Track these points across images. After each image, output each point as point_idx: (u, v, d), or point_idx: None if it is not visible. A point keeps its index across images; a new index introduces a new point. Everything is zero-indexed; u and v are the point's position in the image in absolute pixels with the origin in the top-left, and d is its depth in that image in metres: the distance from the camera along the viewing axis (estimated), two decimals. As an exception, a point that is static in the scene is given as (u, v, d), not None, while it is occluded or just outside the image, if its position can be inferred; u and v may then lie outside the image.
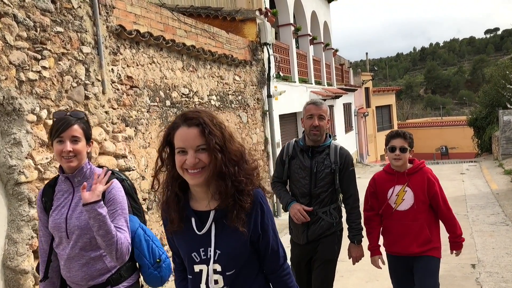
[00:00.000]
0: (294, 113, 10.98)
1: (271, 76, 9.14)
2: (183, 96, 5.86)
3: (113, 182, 2.04)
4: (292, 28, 11.82)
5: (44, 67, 3.56)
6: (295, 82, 11.60)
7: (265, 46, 8.86)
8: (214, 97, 6.83)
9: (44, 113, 3.49)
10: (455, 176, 12.70)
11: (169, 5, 8.46)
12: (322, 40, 15.56)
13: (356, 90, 21.18)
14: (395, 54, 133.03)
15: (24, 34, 3.39)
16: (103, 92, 4.28)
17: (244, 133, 7.94)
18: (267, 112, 8.97)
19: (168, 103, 5.46)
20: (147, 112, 5.02)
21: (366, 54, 29.33)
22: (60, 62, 3.74)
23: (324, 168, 3.00)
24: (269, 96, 8.98)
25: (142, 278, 2.25)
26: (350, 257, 3.15)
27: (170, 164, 1.57)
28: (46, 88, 3.58)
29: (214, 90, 6.85)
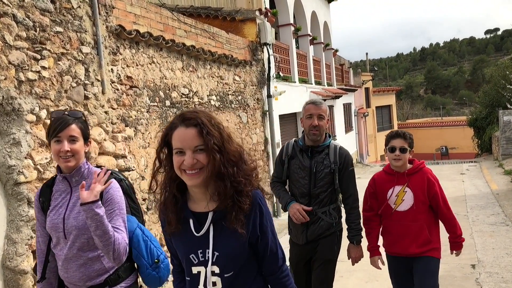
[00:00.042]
0: (294, 113, 10.97)
1: (271, 76, 9.14)
2: (183, 96, 5.85)
3: (111, 182, 2.03)
4: (292, 28, 11.81)
5: (43, 67, 3.56)
6: (295, 82, 11.60)
7: (265, 46, 8.86)
8: (214, 97, 6.82)
9: (43, 113, 3.49)
10: (455, 176, 12.70)
11: (169, 5, 8.46)
12: (322, 40, 15.55)
13: (356, 90, 21.18)
14: (395, 54, 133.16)
15: (23, 34, 3.39)
16: (103, 92, 4.28)
17: (244, 133, 7.94)
18: (267, 112, 8.97)
19: (168, 103, 5.45)
20: (147, 112, 5.02)
21: (366, 54, 29.34)
22: (59, 62, 3.74)
23: (324, 168, 2.99)
24: (269, 96, 8.97)
25: (141, 279, 2.24)
26: (349, 257, 3.14)
27: (168, 165, 1.56)
28: (46, 88, 3.58)
29: (214, 90, 6.85)
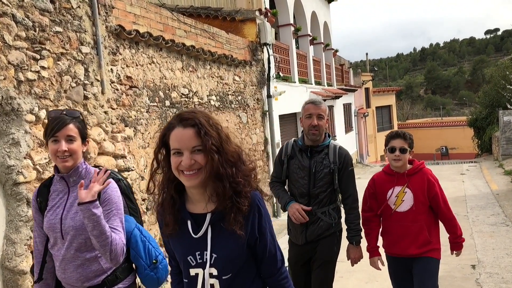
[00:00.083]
0: (294, 113, 10.97)
1: (271, 76, 9.14)
2: (183, 96, 5.85)
3: (109, 183, 2.01)
4: (292, 28, 11.81)
5: (43, 67, 3.55)
6: (295, 82, 11.60)
7: (265, 46, 8.85)
8: (213, 97, 6.82)
9: (43, 113, 3.48)
10: (455, 177, 12.70)
11: (169, 5, 8.45)
12: (322, 41, 15.55)
13: (356, 90, 21.17)
14: (395, 54, 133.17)
15: (23, 34, 3.38)
16: (102, 92, 4.27)
17: (244, 133, 7.93)
18: (267, 113, 8.96)
19: (167, 103, 5.45)
20: (147, 112, 5.01)
21: (366, 54, 29.34)
22: (59, 62, 3.73)
23: (323, 168, 2.98)
24: (269, 96, 8.97)
25: (139, 280, 2.23)
26: (348, 258, 3.13)
27: (166, 165, 1.55)
28: (45, 88, 3.57)
29: (213, 90, 6.84)
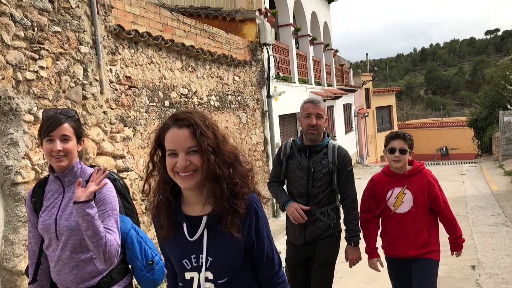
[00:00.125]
0: (294, 113, 10.95)
1: (271, 76, 9.13)
2: (182, 96, 5.84)
3: (106, 184, 1.98)
4: (292, 28, 11.80)
5: (41, 67, 3.55)
6: (295, 82, 11.58)
7: (264, 47, 8.84)
8: (213, 97, 6.81)
9: (41, 113, 3.47)
10: (455, 177, 12.68)
11: (168, 5, 8.44)
12: (322, 41, 15.54)
13: (356, 90, 21.16)
14: (395, 54, 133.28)
15: (21, 34, 3.37)
16: (101, 92, 4.26)
17: (243, 133, 7.92)
18: (267, 113, 8.95)
19: (167, 103, 5.44)
20: (146, 112, 5.00)
21: (366, 54, 29.32)
22: (57, 62, 3.73)
23: (322, 168, 2.96)
24: (268, 96, 8.96)
25: (135, 281, 2.21)
26: (347, 260, 3.10)
27: (162, 167, 1.52)
28: (44, 88, 3.56)
29: (213, 90, 6.83)
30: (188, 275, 1.56)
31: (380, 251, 3.05)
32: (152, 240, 2.30)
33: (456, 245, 3.01)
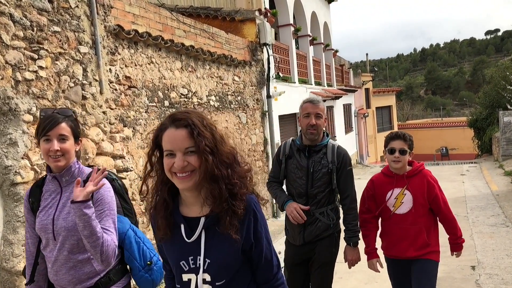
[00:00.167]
0: (294, 113, 10.95)
1: (271, 76, 9.13)
2: (182, 96, 5.83)
3: (103, 184, 1.98)
4: (292, 28, 11.80)
5: (41, 67, 3.54)
6: (295, 82, 11.58)
7: (264, 47, 8.84)
8: (213, 97, 6.80)
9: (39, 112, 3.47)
10: (455, 177, 12.68)
11: (168, 5, 8.44)
12: (322, 41, 15.54)
13: (356, 91, 21.16)
14: (396, 55, 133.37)
15: (20, 34, 3.37)
16: (101, 92, 4.26)
17: (243, 133, 7.92)
18: (267, 113, 8.95)
19: (166, 103, 5.43)
20: (145, 112, 5.00)
21: (366, 55, 29.32)
22: (57, 62, 3.72)
23: (321, 167, 2.95)
24: (268, 96, 8.95)
25: (134, 281, 2.19)
26: (346, 260, 3.09)
27: (159, 167, 1.51)
28: (43, 88, 3.56)
29: (213, 90, 6.83)
30: (185, 277, 1.55)
31: (380, 252, 3.05)
32: (151, 240, 2.29)
33: (456, 245, 3.00)
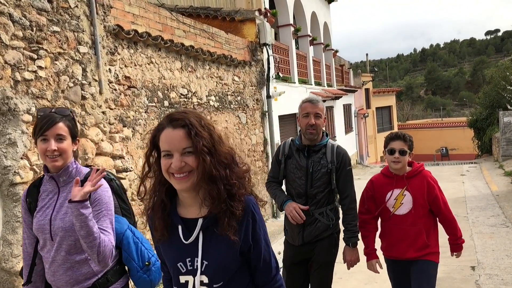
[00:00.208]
0: (294, 114, 10.94)
1: (271, 76, 9.12)
2: (182, 96, 5.83)
3: (101, 185, 1.96)
4: (292, 28, 11.79)
5: (40, 67, 3.54)
6: (295, 83, 11.57)
7: (264, 47, 8.84)
8: (213, 97, 6.80)
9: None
10: (455, 178, 12.67)
11: (168, 5, 8.43)
12: (322, 41, 15.53)
13: (356, 91, 21.15)
14: (396, 55, 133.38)
15: (20, 34, 3.36)
16: (100, 92, 4.25)
17: (243, 134, 7.91)
18: (267, 113, 8.94)
19: (166, 103, 5.43)
20: (145, 112, 4.99)
21: (366, 55, 29.32)
22: (56, 62, 3.72)
23: (321, 167, 2.94)
24: (268, 96, 8.95)
25: (132, 282, 2.18)
26: (345, 261, 3.07)
27: (157, 168, 1.49)
28: (42, 88, 3.55)
29: (213, 90, 6.82)
30: (182, 279, 1.53)
31: (379, 253, 3.04)
32: (149, 241, 2.28)
33: (456, 246, 2.99)
